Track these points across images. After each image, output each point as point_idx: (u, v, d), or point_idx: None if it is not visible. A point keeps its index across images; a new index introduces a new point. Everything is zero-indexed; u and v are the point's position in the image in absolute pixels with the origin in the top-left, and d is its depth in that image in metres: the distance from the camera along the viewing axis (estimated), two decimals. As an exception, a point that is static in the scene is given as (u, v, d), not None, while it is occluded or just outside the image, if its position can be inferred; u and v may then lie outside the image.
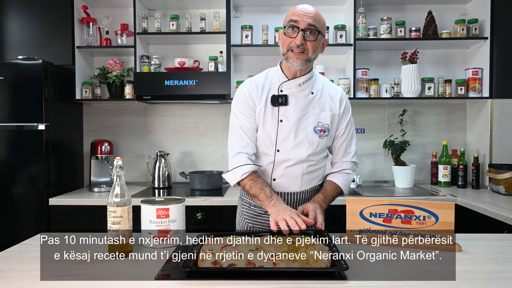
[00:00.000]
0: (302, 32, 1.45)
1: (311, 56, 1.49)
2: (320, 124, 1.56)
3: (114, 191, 1.27)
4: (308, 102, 1.56)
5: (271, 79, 1.60)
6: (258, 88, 1.58)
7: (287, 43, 1.48)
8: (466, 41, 2.91)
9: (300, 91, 1.56)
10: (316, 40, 1.47)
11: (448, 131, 3.12)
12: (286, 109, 1.55)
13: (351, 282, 1.06)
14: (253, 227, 1.65)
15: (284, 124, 1.54)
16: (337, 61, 3.09)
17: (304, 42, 1.46)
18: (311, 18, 1.46)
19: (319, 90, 1.60)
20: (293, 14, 1.48)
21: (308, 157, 1.56)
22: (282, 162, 1.56)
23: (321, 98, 1.59)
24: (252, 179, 1.51)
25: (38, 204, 2.55)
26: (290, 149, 1.54)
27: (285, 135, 1.54)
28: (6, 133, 2.53)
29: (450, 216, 1.33)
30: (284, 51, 1.50)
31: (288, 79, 1.56)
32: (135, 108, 3.14)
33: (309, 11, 1.47)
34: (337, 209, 1.66)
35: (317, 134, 1.56)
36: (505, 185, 2.51)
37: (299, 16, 1.46)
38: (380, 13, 3.02)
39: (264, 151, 1.57)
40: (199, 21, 2.90)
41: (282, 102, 1.54)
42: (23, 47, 2.81)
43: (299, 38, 1.45)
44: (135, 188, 2.84)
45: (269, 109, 1.56)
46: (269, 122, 1.55)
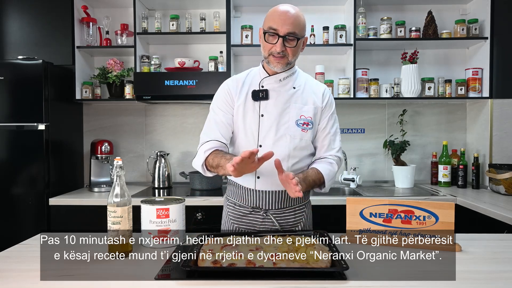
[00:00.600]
0: (281, 39, 1.45)
1: (291, 59, 1.51)
2: (302, 118, 1.55)
3: (114, 191, 1.27)
4: (289, 97, 1.56)
5: (252, 76, 1.61)
6: (238, 84, 1.59)
7: (268, 48, 1.49)
8: (466, 41, 2.91)
9: (281, 86, 1.56)
10: (296, 46, 1.48)
11: (448, 131, 3.12)
12: (267, 104, 1.54)
13: (351, 282, 1.06)
14: (239, 227, 1.62)
15: (265, 118, 1.54)
16: (337, 61, 3.09)
17: (284, 48, 1.47)
18: (291, 25, 1.45)
19: (301, 85, 1.59)
20: (272, 20, 1.47)
21: (291, 153, 1.54)
22: None
23: (303, 92, 1.58)
24: (215, 153, 1.49)
25: (38, 204, 2.55)
26: (272, 144, 1.52)
27: (267, 129, 1.53)
28: (6, 133, 2.53)
29: (450, 216, 1.33)
30: (266, 55, 1.52)
31: (269, 75, 1.57)
32: (135, 108, 3.14)
33: (288, 17, 1.45)
34: (337, 209, 1.66)
35: (299, 128, 1.54)
36: (505, 185, 2.51)
37: (279, 24, 1.45)
38: (380, 13, 3.02)
39: (246, 147, 1.54)
40: (199, 21, 2.91)
41: (262, 96, 1.54)
42: (23, 47, 2.81)
43: (279, 46, 1.46)
44: (135, 188, 2.84)
45: (250, 104, 1.56)
46: (251, 117, 1.55)
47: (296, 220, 1.62)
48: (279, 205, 1.58)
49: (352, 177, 2.92)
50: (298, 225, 1.62)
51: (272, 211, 1.58)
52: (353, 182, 2.91)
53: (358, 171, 3.04)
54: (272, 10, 1.50)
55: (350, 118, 3.12)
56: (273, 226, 1.58)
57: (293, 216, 1.61)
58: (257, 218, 1.60)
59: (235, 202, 1.64)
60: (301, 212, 1.63)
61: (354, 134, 3.13)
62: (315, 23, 2.96)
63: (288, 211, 1.60)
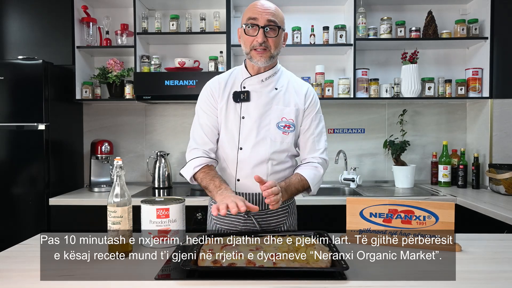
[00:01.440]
0: (262, 29, 1.45)
1: (274, 52, 1.49)
2: (284, 120, 1.52)
3: (114, 191, 1.27)
4: (271, 98, 1.54)
5: (235, 77, 1.59)
6: (220, 85, 1.57)
7: (249, 42, 1.48)
8: (466, 41, 2.91)
9: (263, 87, 1.54)
10: (277, 36, 1.47)
11: (448, 131, 3.12)
12: (248, 106, 1.53)
13: (351, 282, 1.06)
14: (221, 228, 1.61)
15: (246, 121, 1.52)
16: (337, 61, 3.09)
17: (265, 39, 1.46)
18: (270, 14, 1.45)
19: (284, 86, 1.57)
20: (251, 12, 1.46)
21: (272, 155, 1.52)
22: (246, 161, 1.51)
23: (286, 93, 1.55)
24: (204, 171, 1.51)
25: (38, 204, 2.55)
26: (252, 146, 1.51)
27: (247, 132, 1.52)
28: (6, 133, 2.53)
29: (450, 216, 1.33)
30: (247, 50, 1.50)
31: (251, 75, 1.55)
32: (135, 108, 3.14)
33: (267, 7, 1.47)
34: (337, 209, 1.66)
35: (280, 130, 1.52)
36: (505, 185, 2.51)
37: (258, 13, 1.45)
38: (380, 13, 3.02)
39: (228, 150, 1.55)
40: (199, 21, 2.91)
41: (244, 98, 1.52)
42: (23, 47, 2.81)
43: (260, 36, 1.45)
44: (135, 188, 2.84)
45: (231, 106, 1.54)
46: (232, 119, 1.54)
47: (279, 222, 1.60)
48: (261, 207, 1.54)
49: (352, 177, 2.92)
50: (280, 226, 1.60)
51: (253, 213, 1.55)
52: (353, 182, 2.91)
53: (358, 171, 3.04)
54: (249, 5, 1.50)
55: (350, 118, 3.12)
56: (254, 228, 1.56)
57: (275, 218, 1.59)
58: (239, 219, 1.58)
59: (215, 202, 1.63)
60: (283, 214, 1.61)
61: (354, 134, 3.13)
62: (315, 23, 2.96)
63: (270, 213, 1.58)
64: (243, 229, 1.57)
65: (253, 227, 1.56)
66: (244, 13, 1.51)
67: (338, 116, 3.12)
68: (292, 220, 1.66)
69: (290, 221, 1.64)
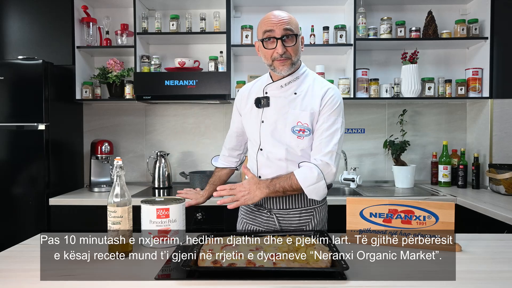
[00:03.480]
0: (280, 40, 1.47)
1: (295, 59, 1.52)
2: (299, 124, 1.53)
3: (114, 191, 1.27)
4: (288, 103, 1.55)
5: (260, 83, 1.66)
6: (243, 95, 1.69)
7: (269, 54, 1.50)
8: (466, 41, 2.91)
9: (282, 92, 1.57)
10: (296, 43, 1.50)
11: (448, 131, 3.12)
12: (267, 111, 1.58)
13: (351, 282, 1.06)
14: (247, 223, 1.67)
15: (265, 125, 1.57)
16: (337, 61, 3.09)
17: (285, 49, 1.48)
18: (285, 23, 1.47)
19: (304, 90, 1.56)
20: (266, 25, 1.48)
21: (289, 157, 1.53)
22: (266, 160, 1.58)
23: (305, 98, 1.54)
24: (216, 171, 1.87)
25: (38, 204, 2.55)
26: (271, 148, 1.56)
27: (265, 135, 1.57)
28: (6, 133, 2.53)
29: (450, 216, 1.33)
30: (269, 62, 1.52)
31: (273, 81, 1.58)
32: (135, 108, 3.14)
33: (281, 17, 1.48)
34: (337, 209, 1.66)
35: (295, 135, 1.52)
36: (505, 185, 2.51)
37: (273, 25, 1.46)
38: (380, 13, 3.01)
39: (252, 149, 1.65)
40: (199, 21, 2.91)
41: (264, 104, 1.58)
42: (23, 47, 2.81)
43: (280, 47, 1.47)
44: (135, 188, 2.84)
45: (254, 111, 1.62)
46: (253, 123, 1.61)
47: (301, 223, 1.59)
48: (282, 205, 1.58)
49: (352, 177, 2.92)
50: (303, 228, 1.59)
51: (276, 211, 1.59)
52: (353, 182, 2.91)
53: (358, 171, 3.04)
54: (262, 18, 1.52)
55: (350, 118, 3.12)
56: (275, 226, 1.59)
57: (297, 218, 1.58)
58: (262, 216, 1.62)
59: None
60: (308, 215, 1.59)
61: (354, 134, 3.13)
62: (315, 23, 2.96)
63: (293, 213, 1.58)
64: (265, 227, 1.61)
65: (273, 225, 1.59)
66: (258, 27, 1.53)
67: (338, 116, 3.11)
68: (318, 224, 1.61)
69: (314, 223, 1.60)
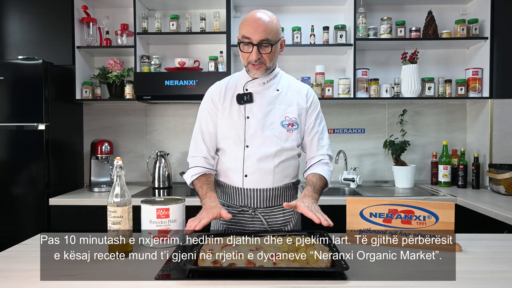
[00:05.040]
0: (256, 47, 1.47)
1: (269, 65, 1.53)
2: (287, 118, 1.57)
3: (114, 191, 1.27)
4: (273, 98, 1.58)
5: (236, 80, 1.65)
6: (221, 90, 1.64)
7: (245, 57, 1.51)
8: (466, 41, 2.91)
9: (265, 89, 1.59)
10: (271, 51, 1.49)
11: (448, 131, 3.12)
12: (252, 106, 1.57)
13: (351, 282, 1.06)
14: (228, 228, 1.63)
15: (250, 120, 1.56)
16: (337, 61, 3.09)
17: (260, 55, 1.48)
18: (262, 32, 1.45)
19: (285, 87, 1.62)
20: (245, 29, 1.48)
21: (278, 152, 1.56)
22: (252, 157, 1.56)
23: (287, 94, 1.61)
24: (199, 179, 1.60)
25: (38, 204, 2.55)
26: (259, 144, 1.55)
27: (253, 131, 1.56)
28: (6, 133, 2.53)
29: (450, 216, 1.33)
30: (245, 63, 1.54)
31: (252, 79, 1.59)
32: (135, 108, 3.14)
33: (259, 25, 1.46)
34: (337, 209, 1.65)
35: (285, 128, 1.57)
36: (505, 185, 2.51)
37: (251, 32, 1.46)
38: (380, 13, 3.01)
39: (233, 148, 1.59)
40: (199, 21, 2.91)
41: (247, 99, 1.57)
42: (23, 47, 2.81)
43: (254, 54, 1.48)
44: (135, 188, 2.84)
45: (235, 108, 1.59)
46: (236, 119, 1.58)
47: (286, 220, 1.63)
48: (267, 203, 1.59)
49: (352, 177, 2.92)
50: (287, 224, 1.63)
51: (261, 209, 1.59)
52: (353, 182, 2.91)
53: (358, 171, 3.04)
54: (244, 19, 1.51)
55: (350, 118, 3.12)
56: (262, 225, 1.59)
57: (282, 215, 1.62)
58: (246, 217, 1.60)
59: (224, 203, 1.64)
60: (290, 212, 1.63)
61: (354, 134, 3.13)
62: (315, 23, 2.96)
63: (276, 210, 1.61)
64: (251, 227, 1.60)
65: (261, 225, 1.59)
66: (239, 26, 1.52)
67: (338, 116, 3.12)
68: (298, 219, 1.67)
69: (297, 219, 1.66)
